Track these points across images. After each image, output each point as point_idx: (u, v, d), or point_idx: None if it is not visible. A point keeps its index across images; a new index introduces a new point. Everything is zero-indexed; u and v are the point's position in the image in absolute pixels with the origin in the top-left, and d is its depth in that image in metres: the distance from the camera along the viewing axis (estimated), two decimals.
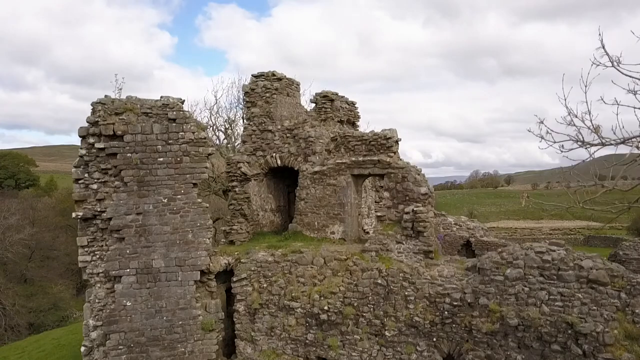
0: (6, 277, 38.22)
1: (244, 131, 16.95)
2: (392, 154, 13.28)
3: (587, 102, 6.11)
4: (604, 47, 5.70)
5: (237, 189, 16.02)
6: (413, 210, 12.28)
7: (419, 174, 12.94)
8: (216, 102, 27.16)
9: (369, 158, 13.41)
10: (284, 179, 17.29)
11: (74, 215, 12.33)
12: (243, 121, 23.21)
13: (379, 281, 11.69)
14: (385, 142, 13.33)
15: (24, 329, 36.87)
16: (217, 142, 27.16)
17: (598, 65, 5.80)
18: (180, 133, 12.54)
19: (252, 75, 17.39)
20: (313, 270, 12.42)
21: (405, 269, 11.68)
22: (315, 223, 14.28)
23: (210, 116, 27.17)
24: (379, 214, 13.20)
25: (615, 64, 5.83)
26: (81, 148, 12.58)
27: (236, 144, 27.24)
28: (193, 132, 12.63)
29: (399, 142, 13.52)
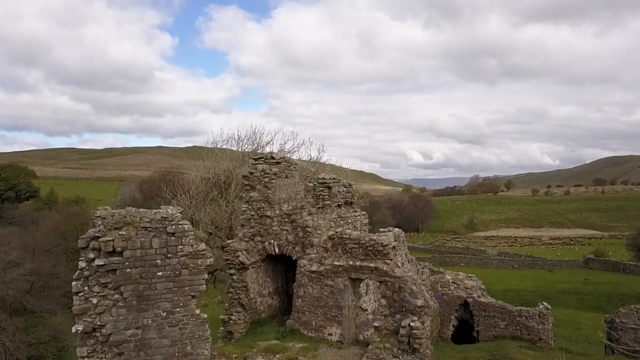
0: (6, 312, 38.36)
1: (242, 214, 17.09)
2: (388, 261, 13.42)
3: None
4: None
5: (234, 277, 16.16)
6: (409, 325, 12.42)
7: (415, 285, 13.08)
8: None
9: (366, 264, 13.56)
10: (282, 259, 17.42)
11: (73, 330, 12.48)
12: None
13: None
14: (382, 249, 13.47)
15: None
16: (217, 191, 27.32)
17: None
18: (179, 246, 12.69)
19: (251, 158, 17.56)
20: None
21: None
22: (313, 323, 14.42)
23: (210, 169, 27.31)
24: (375, 324, 13.35)
25: None
26: (81, 260, 12.72)
27: (235, 192, 27.35)
28: (192, 245, 12.77)
29: (395, 249, 13.65)
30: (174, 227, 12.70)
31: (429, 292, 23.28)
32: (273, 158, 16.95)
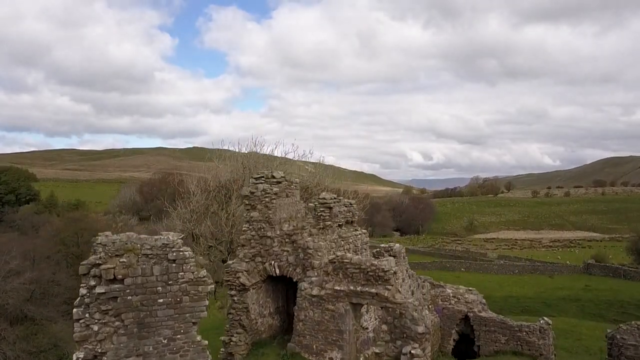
0: (6, 320, 38.37)
1: (242, 234, 17.07)
2: (389, 287, 13.41)
3: None
4: None
5: (235, 299, 16.14)
6: (410, 352, 12.41)
7: (416, 311, 13.07)
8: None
9: (367, 289, 13.55)
10: (283, 278, 17.39)
11: (74, 357, 12.46)
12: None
13: None
14: (383, 275, 13.46)
15: None
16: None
17: None
18: (180, 273, 12.67)
19: (252, 177, 17.53)
20: None
21: None
22: (314, 347, 14.41)
23: (210, 181, 27.31)
24: (376, 350, 13.34)
25: None
26: (82, 287, 12.71)
27: (236, 205, 27.30)
28: (192, 272, 12.76)
29: (396, 273, 13.64)
30: (174, 254, 12.68)
31: (430, 306, 23.28)
32: (274, 177, 16.93)
